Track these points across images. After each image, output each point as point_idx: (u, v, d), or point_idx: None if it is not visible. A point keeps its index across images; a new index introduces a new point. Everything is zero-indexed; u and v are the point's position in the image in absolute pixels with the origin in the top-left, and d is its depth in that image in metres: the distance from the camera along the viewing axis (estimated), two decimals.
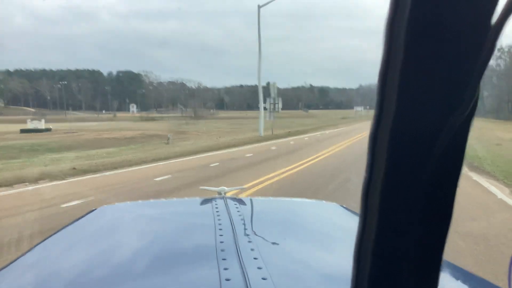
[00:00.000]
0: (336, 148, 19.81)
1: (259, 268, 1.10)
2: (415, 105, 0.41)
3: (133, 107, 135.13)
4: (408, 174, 0.43)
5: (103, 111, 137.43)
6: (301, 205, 2.32)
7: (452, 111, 0.40)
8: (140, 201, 2.46)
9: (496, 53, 0.33)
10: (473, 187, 9.89)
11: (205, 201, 1.94)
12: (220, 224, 1.49)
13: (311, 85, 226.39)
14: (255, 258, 1.16)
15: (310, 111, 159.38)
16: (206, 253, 1.25)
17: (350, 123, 55.36)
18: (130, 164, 14.75)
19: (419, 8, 0.38)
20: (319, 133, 33.46)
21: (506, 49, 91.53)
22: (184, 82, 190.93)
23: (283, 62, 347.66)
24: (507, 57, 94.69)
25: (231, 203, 1.82)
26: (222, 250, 1.23)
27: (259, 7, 29.50)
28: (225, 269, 1.09)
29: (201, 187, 2.59)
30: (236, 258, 1.17)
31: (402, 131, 0.41)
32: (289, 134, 31.00)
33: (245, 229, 1.46)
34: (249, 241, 1.31)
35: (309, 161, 14.62)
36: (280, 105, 30.66)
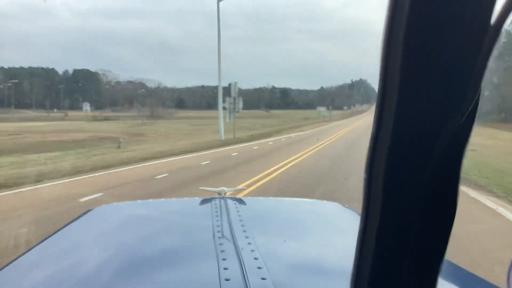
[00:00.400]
0: (306, 154, 17.75)
1: (258, 268, 1.10)
2: (415, 105, 0.40)
3: (86, 106, 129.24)
4: (409, 174, 0.42)
5: (54, 110, 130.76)
6: (301, 204, 2.36)
7: (452, 111, 0.40)
8: (139, 201, 2.51)
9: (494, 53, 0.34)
10: (479, 209, 8.03)
11: (204, 201, 1.95)
12: (218, 226, 1.48)
13: (273, 86, 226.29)
14: (255, 258, 1.16)
15: (272, 111, 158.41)
16: (206, 253, 1.26)
17: (314, 125, 52.76)
18: (60, 175, 12.12)
19: (418, 8, 0.38)
20: (284, 136, 30.73)
21: None
22: (143, 81, 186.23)
23: (246, 63, 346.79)
24: None
25: (230, 203, 1.82)
26: (222, 251, 1.23)
27: (218, 0, 27.48)
28: (225, 269, 1.10)
29: (201, 188, 2.59)
30: (236, 258, 1.17)
31: (403, 131, 0.41)
32: (252, 138, 28.50)
33: (244, 229, 1.43)
34: (249, 242, 1.30)
35: (274, 171, 12.46)
36: (241, 105, 28.20)
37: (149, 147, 23.99)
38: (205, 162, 14.69)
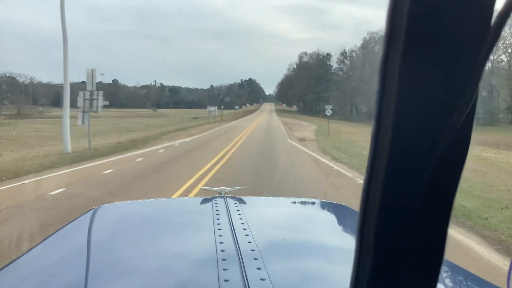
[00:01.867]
0: (195, 186, 9.91)
1: (258, 268, 1.08)
2: (414, 105, 0.40)
3: None
4: (409, 174, 0.42)
5: None
6: (301, 204, 2.30)
7: (452, 111, 0.40)
8: (139, 200, 2.48)
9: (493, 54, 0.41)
10: None
11: (205, 201, 1.90)
12: (219, 224, 1.45)
13: (161, 84, 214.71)
14: (255, 259, 1.15)
15: (160, 110, 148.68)
16: (206, 253, 1.24)
17: (204, 127, 43.35)
18: None
19: (418, 9, 0.38)
20: (163, 145, 21.62)
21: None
22: (13, 76, 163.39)
23: (132, 60, 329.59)
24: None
25: (231, 202, 1.79)
26: (222, 251, 1.21)
27: None
28: (224, 269, 1.08)
29: (202, 187, 2.65)
30: (236, 258, 1.15)
31: (403, 132, 0.41)
32: (117, 148, 19.38)
33: (244, 229, 1.41)
34: (249, 242, 1.28)
35: None
36: (101, 103, 19.13)
37: None
38: None
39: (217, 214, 1.58)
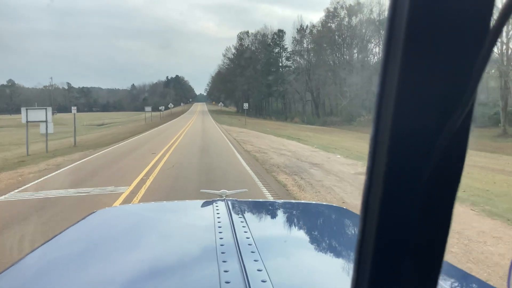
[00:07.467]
0: None
1: (259, 270, 1.07)
2: (414, 107, 0.39)
3: None
4: (408, 176, 0.41)
5: None
6: (302, 207, 2.21)
7: (450, 113, 0.39)
8: (141, 204, 2.50)
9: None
10: None
11: (206, 203, 1.84)
12: (220, 227, 1.42)
13: (69, 85, 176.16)
14: (255, 260, 1.13)
15: (64, 115, 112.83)
16: (207, 255, 1.22)
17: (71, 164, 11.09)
18: None
19: (418, 10, 0.37)
20: None
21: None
22: None
23: (47, 61, 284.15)
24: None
25: (232, 205, 1.74)
26: (223, 253, 1.19)
27: None
28: (225, 271, 1.07)
29: (202, 190, 2.47)
30: (237, 260, 1.13)
31: (401, 133, 0.40)
32: None
33: (245, 231, 1.37)
34: (249, 244, 1.26)
35: None
36: None
37: None
38: None
39: (218, 217, 1.53)
